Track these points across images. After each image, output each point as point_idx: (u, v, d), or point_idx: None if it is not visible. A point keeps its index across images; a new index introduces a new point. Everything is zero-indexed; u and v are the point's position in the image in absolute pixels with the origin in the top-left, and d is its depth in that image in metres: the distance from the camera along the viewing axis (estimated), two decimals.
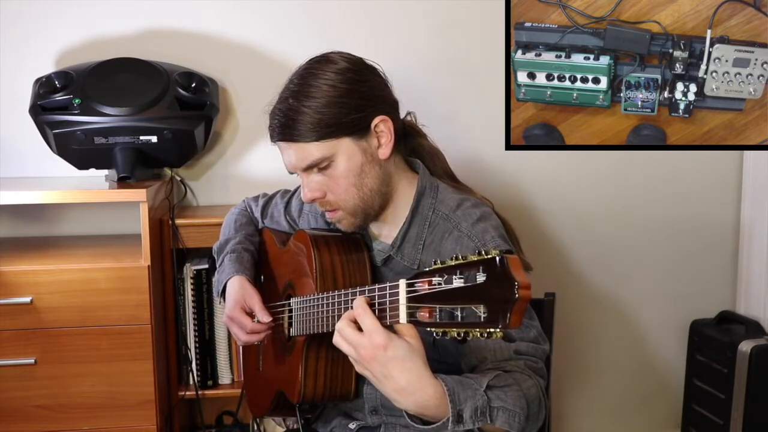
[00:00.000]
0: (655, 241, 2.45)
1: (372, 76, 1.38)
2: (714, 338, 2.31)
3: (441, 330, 0.99)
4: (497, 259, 0.93)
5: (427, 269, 1.01)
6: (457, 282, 0.96)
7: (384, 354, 1.08)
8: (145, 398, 1.87)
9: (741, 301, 2.43)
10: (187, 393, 2.08)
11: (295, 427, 1.53)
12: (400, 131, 1.41)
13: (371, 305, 1.11)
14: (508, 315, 0.91)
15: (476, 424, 1.12)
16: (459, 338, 0.97)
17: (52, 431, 1.85)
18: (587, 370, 2.51)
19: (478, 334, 0.94)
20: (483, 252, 0.95)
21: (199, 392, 2.07)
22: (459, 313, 0.96)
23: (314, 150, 1.33)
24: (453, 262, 0.98)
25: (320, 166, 1.34)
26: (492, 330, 0.93)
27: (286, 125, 1.33)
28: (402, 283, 1.05)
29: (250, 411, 1.78)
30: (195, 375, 2.08)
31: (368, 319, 1.09)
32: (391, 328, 1.09)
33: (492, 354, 1.26)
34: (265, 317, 1.50)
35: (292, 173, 1.40)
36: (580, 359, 2.49)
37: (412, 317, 1.04)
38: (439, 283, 0.98)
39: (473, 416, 1.12)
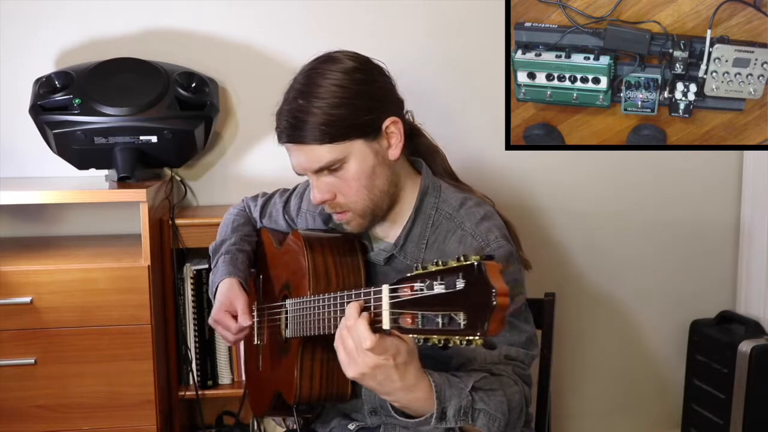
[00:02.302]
0: (655, 241, 2.45)
1: (380, 76, 1.36)
2: (714, 338, 2.30)
3: (423, 336, 0.97)
4: (475, 265, 0.92)
5: (409, 275, 1.00)
6: (438, 288, 0.95)
7: (393, 362, 1.07)
8: (145, 398, 1.87)
9: (741, 301, 2.43)
10: (187, 393, 2.08)
11: (294, 427, 1.53)
12: (407, 132, 1.40)
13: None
14: (486, 323, 0.90)
15: (458, 423, 1.13)
16: (440, 345, 0.95)
17: (52, 431, 1.85)
18: (587, 370, 2.51)
19: (458, 341, 0.93)
20: (462, 258, 0.94)
21: (199, 392, 2.07)
22: (440, 320, 0.94)
23: (325, 152, 1.30)
24: (434, 268, 0.97)
25: (331, 168, 1.31)
26: (472, 337, 0.91)
27: (295, 126, 1.30)
28: (385, 289, 1.04)
29: (252, 410, 1.78)
30: (195, 375, 2.08)
31: (369, 343, 1.06)
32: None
33: (482, 356, 1.27)
34: (245, 321, 1.49)
35: (300, 174, 1.38)
36: (580, 359, 2.49)
37: (395, 323, 1.02)
38: (421, 289, 0.97)
39: (456, 414, 1.13)
